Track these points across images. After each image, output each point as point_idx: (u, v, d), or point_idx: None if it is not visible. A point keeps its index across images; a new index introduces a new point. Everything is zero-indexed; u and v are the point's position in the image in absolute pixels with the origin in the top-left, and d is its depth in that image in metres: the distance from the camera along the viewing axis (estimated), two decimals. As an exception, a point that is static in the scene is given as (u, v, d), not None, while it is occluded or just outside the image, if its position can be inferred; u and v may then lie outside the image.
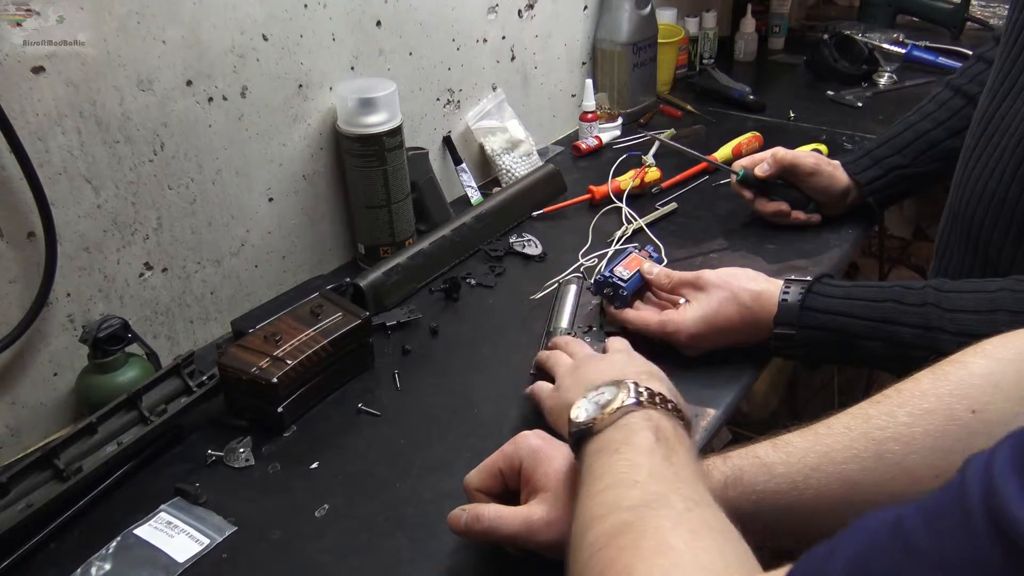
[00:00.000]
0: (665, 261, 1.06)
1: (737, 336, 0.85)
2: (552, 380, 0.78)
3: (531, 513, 0.61)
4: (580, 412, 0.58)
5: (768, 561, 0.42)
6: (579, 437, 0.57)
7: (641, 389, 0.57)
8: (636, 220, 1.17)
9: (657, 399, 0.57)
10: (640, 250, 0.97)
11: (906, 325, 0.76)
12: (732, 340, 0.86)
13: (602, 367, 0.71)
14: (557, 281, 1.04)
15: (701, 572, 0.41)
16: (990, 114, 0.84)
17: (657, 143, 1.32)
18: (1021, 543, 0.27)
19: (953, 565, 0.29)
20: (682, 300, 0.88)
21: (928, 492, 0.32)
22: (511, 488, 0.66)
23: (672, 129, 1.50)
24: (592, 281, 0.94)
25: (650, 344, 0.87)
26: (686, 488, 0.49)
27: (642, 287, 0.93)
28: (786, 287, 0.83)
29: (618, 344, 0.80)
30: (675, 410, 0.58)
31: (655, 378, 0.64)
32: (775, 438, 0.60)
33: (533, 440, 0.65)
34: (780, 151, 1.10)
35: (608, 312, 0.92)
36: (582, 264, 1.09)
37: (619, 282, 0.90)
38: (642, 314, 0.89)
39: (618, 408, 0.56)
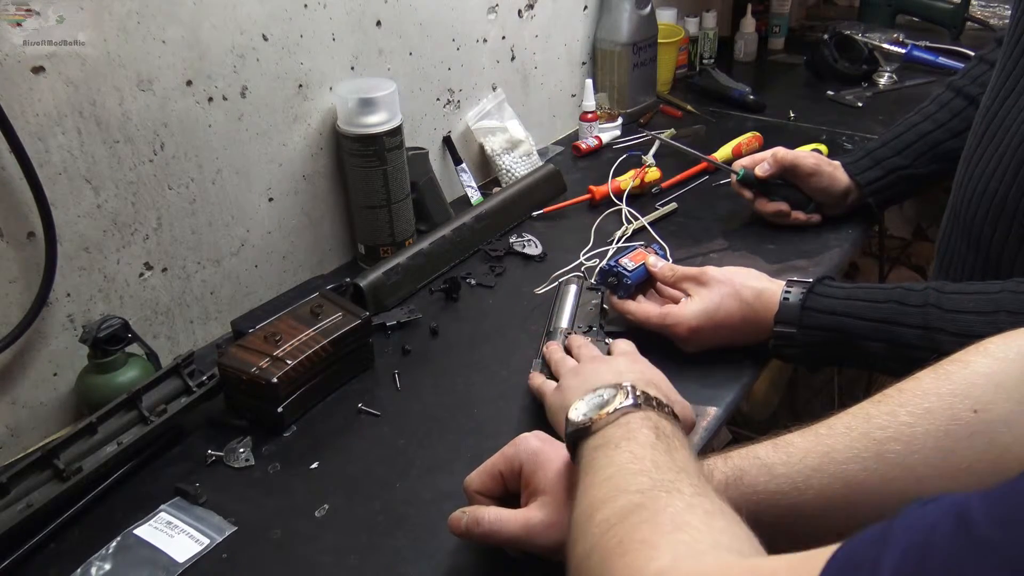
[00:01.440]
0: (670, 260, 1.06)
1: (737, 333, 0.85)
2: (556, 379, 0.79)
3: (530, 516, 0.61)
4: (578, 412, 0.59)
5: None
6: (576, 436, 0.58)
7: (639, 392, 0.59)
8: (639, 219, 1.17)
9: (654, 402, 0.58)
10: (646, 247, 0.97)
11: (907, 326, 0.76)
12: (732, 337, 0.86)
13: (603, 370, 0.71)
14: (560, 277, 1.04)
15: (719, 550, 0.41)
16: (992, 114, 0.84)
17: (657, 143, 1.32)
18: None
19: (1022, 559, 0.28)
20: (684, 297, 0.88)
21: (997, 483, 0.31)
22: (511, 490, 0.66)
23: (672, 129, 1.50)
24: (597, 270, 0.94)
25: (651, 340, 0.87)
26: (690, 477, 0.50)
27: (646, 282, 0.93)
28: (788, 287, 0.83)
29: (623, 347, 0.80)
30: (672, 414, 0.59)
31: (653, 384, 0.65)
32: (776, 438, 0.60)
33: (533, 442, 0.65)
34: (781, 151, 1.10)
35: (611, 302, 0.92)
36: (583, 264, 1.09)
37: (623, 271, 0.90)
38: (643, 306, 0.90)
39: (616, 409, 0.57)
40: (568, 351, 0.83)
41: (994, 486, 0.31)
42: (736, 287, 0.85)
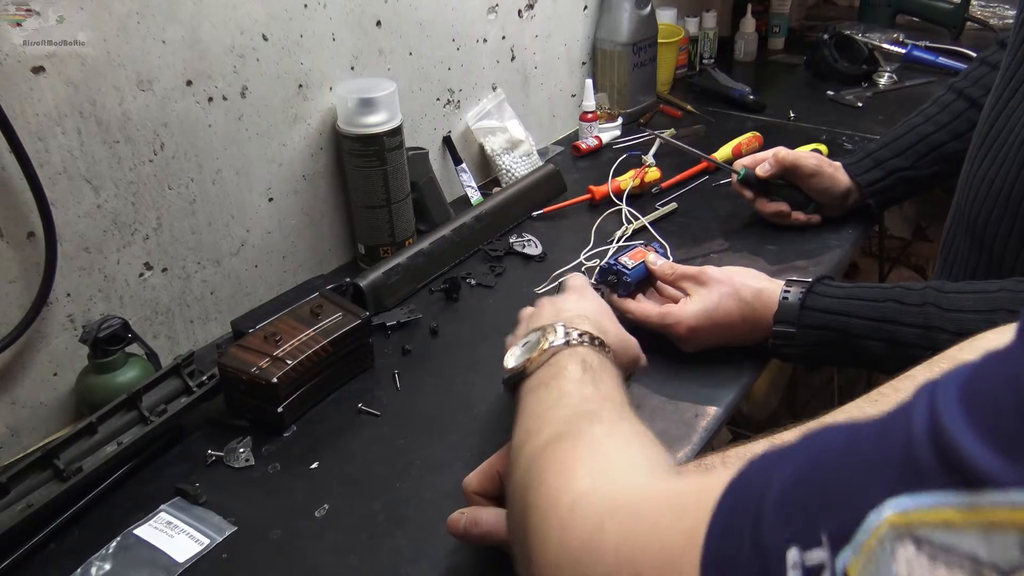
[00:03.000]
0: (671, 259, 1.06)
1: (736, 333, 0.86)
2: None
3: None
4: (512, 358, 0.63)
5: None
6: (513, 382, 0.61)
7: (568, 329, 0.61)
8: (640, 219, 1.17)
9: (585, 338, 0.61)
10: (646, 246, 0.97)
11: (906, 325, 0.76)
12: (731, 336, 0.86)
13: (546, 311, 0.71)
14: (561, 276, 1.04)
15: (633, 470, 0.44)
16: (996, 114, 0.84)
17: (658, 142, 1.32)
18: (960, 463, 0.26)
19: (887, 469, 0.28)
20: (683, 297, 0.89)
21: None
22: None
23: (672, 129, 1.50)
24: (597, 269, 0.95)
25: (651, 339, 0.87)
26: (613, 404, 0.52)
27: (646, 282, 0.93)
28: (787, 287, 0.83)
29: (574, 281, 0.79)
30: (602, 346, 0.62)
31: (587, 320, 0.66)
32: (772, 437, 0.60)
33: None
34: (782, 151, 1.10)
35: (610, 300, 0.92)
36: (583, 265, 1.09)
37: (623, 269, 0.90)
38: (643, 305, 0.90)
39: (546, 349, 0.60)
40: None
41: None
42: (735, 286, 0.85)
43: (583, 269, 1.08)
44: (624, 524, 0.38)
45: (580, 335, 0.61)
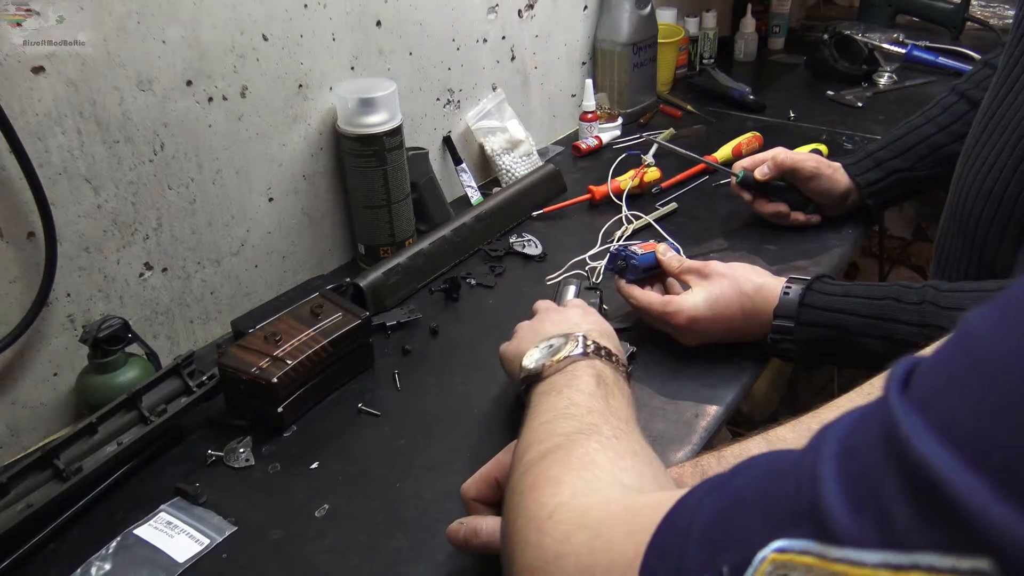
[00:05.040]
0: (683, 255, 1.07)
1: (735, 325, 0.86)
2: None
3: None
4: (531, 360, 0.64)
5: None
6: (529, 382, 0.62)
7: (589, 342, 0.63)
8: (643, 217, 1.17)
9: (603, 352, 0.63)
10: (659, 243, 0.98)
11: (904, 323, 0.76)
12: (730, 329, 0.86)
13: (558, 319, 0.73)
14: (574, 271, 1.04)
15: (619, 487, 0.45)
16: (991, 112, 0.85)
17: (656, 144, 1.32)
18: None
19: (776, 511, 0.31)
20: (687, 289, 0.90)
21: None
22: None
23: (672, 129, 1.50)
24: (607, 256, 0.96)
25: (653, 338, 0.87)
26: (617, 421, 0.54)
27: (653, 276, 0.94)
28: (788, 283, 0.84)
29: (575, 301, 0.82)
30: (619, 363, 0.63)
31: (604, 335, 0.68)
32: (767, 433, 0.60)
33: None
34: (781, 154, 1.10)
35: (617, 285, 0.93)
36: (588, 264, 1.09)
37: (631, 255, 0.91)
38: (647, 293, 0.91)
39: (566, 357, 0.62)
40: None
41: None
42: (737, 280, 0.86)
43: (587, 268, 1.08)
44: (588, 537, 0.40)
45: (598, 348, 0.63)
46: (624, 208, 1.19)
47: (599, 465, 0.47)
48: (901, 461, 0.26)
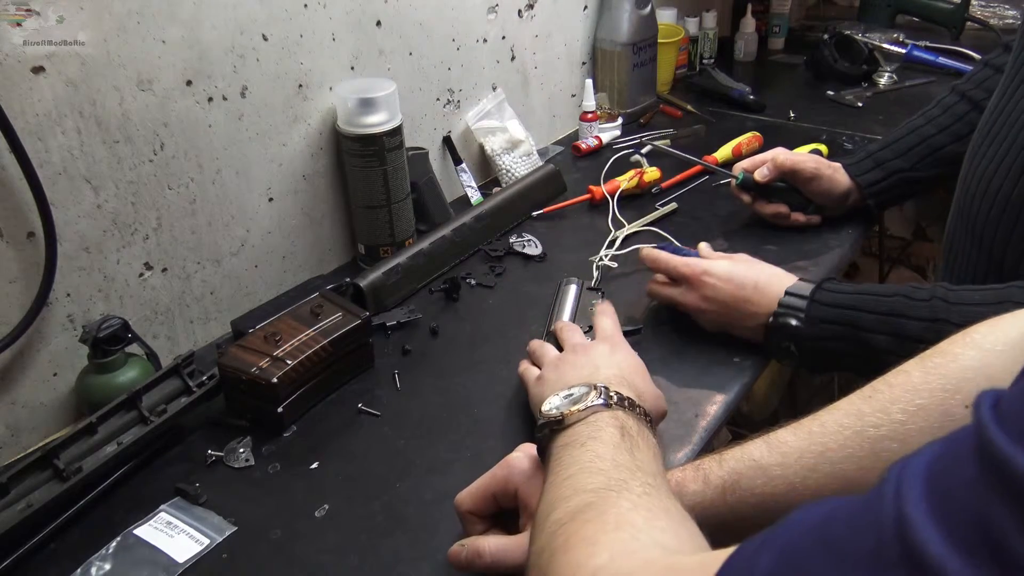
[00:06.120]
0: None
1: (747, 295, 0.87)
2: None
3: None
4: (551, 408, 0.61)
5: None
6: (549, 431, 0.60)
7: (611, 392, 0.61)
8: (626, 226, 1.17)
9: (626, 402, 0.61)
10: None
11: (913, 318, 0.77)
12: (742, 300, 0.87)
13: (581, 363, 0.73)
14: (566, 276, 1.04)
15: (657, 547, 0.43)
16: (998, 112, 0.85)
17: (653, 144, 1.32)
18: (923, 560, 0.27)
19: (856, 560, 0.30)
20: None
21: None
22: (504, 508, 0.66)
23: (672, 129, 1.50)
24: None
25: (656, 338, 0.87)
26: (645, 476, 0.52)
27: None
28: (800, 280, 0.86)
29: (606, 327, 0.80)
30: (643, 413, 0.61)
31: (627, 380, 0.67)
32: (768, 436, 0.60)
33: (526, 463, 0.65)
34: (780, 155, 1.10)
35: (646, 256, 0.96)
36: (594, 263, 1.08)
37: (675, 242, 0.96)
38: (674, 256, 0.94)
39: (587, 407, 0.59)
40: (555, 337, 0.85)
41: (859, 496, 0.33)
42: (757, 263, 0.90)
43: (596, 265, 1.07)
44: None
45: (621, 399, 0.61)
46: (613, 211, 1.18)
47: (635, 525, 0.45)
48: (1015, 496, 0.26)
